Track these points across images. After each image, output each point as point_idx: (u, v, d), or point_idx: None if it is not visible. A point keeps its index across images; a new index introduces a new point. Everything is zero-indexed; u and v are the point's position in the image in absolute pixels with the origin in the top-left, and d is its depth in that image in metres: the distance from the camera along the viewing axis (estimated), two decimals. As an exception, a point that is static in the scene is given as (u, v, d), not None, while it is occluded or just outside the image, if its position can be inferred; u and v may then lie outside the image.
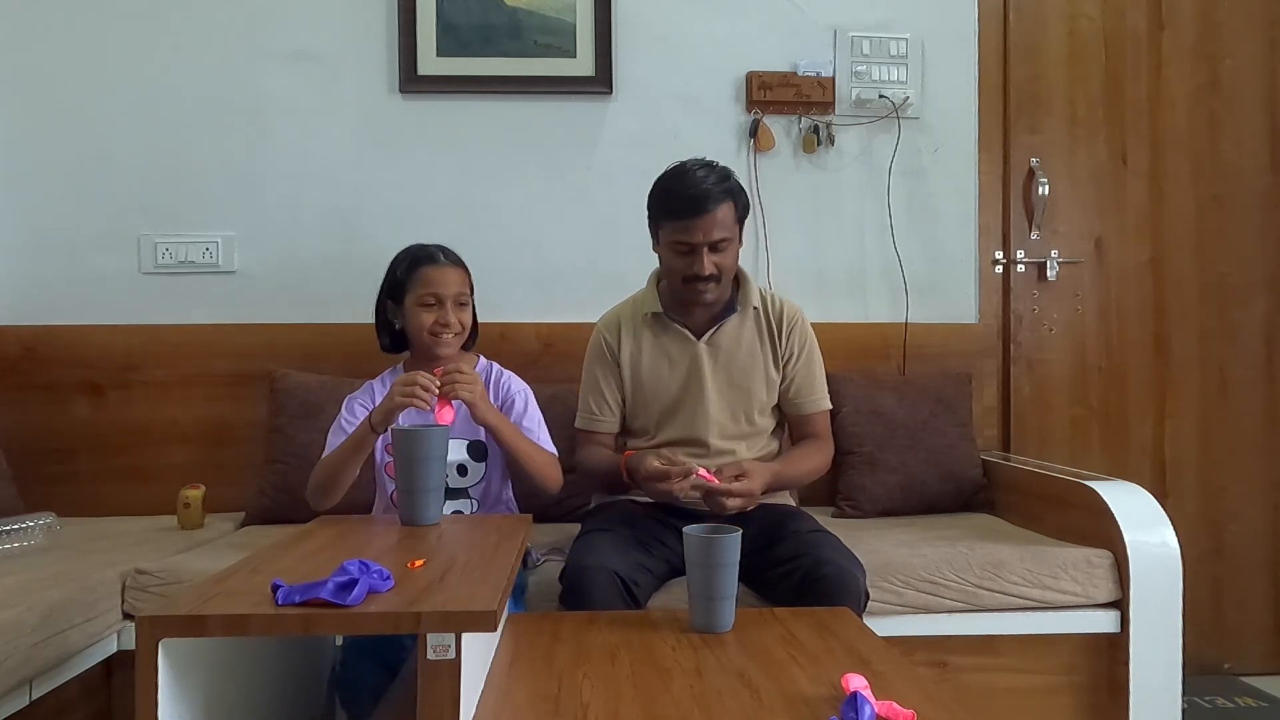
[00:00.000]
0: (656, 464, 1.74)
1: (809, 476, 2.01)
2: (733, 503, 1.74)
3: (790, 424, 2.03)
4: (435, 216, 2.42)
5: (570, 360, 2.08)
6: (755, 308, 1.97)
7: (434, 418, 1.69)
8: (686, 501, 1.91)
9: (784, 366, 1.97)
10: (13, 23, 2.49)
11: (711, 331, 1.94)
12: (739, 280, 1.98)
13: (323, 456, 1.85)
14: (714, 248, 1.84)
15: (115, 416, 2.45)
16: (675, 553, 1.75)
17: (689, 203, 1.82)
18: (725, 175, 1.87)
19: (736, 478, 1.76)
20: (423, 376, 1.68)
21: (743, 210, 1.90)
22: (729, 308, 1.95)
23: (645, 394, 1.95)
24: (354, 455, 1.74)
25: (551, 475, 1.85)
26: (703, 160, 1.89)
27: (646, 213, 1.93)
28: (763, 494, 1.80)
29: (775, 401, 1.99)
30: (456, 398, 1.70)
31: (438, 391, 1.68)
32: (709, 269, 1.84)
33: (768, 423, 1.98)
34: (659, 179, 1.91)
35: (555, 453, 1.90)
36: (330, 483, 1.76)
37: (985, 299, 2.71)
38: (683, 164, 1.89)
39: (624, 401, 1.98)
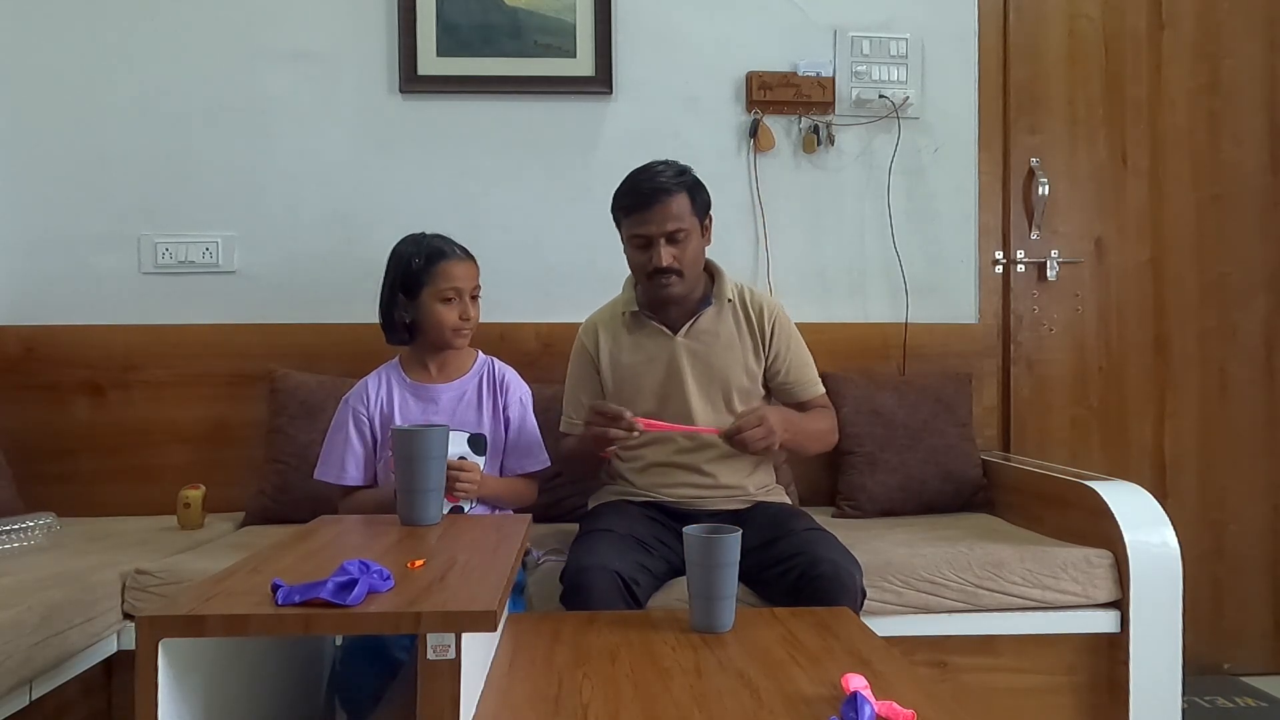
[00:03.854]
0: (606, 404, 1.77)
1: (820, 435, 2.00)
2: (750, 435, 1.74)
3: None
4: (435, 216, 2.40)
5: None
6: (730, 300, 1.99)
7: None
8: (682, 500, 1.92)
9: (770, 362, 1.99)
10: (13, 23, 2.49)
11: (688, 326, 1.96)
12: (712, 274, 2.01)
13: (321, 460, 1.86)
14: (670, 239, 1.86)
15: (115, 416, 2.45)
16: (675, 553, 1.75)
17: (641, 196, 1.86)
18: (682, 170, 1.91)
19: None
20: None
21: (702, 205, 1.92)
22: (704, 301, 1.97)
23: (628, 392, 1.95)
24: (388, 504, 1.74)
25: (530, 501, 1.91)
26: (664, 160, 1.93)
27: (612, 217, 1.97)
28: (780, 433, 1.79)
29: (758, 390, 2.00)
30: (460, 498, 1.73)
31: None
32: (667, 260, 1.85)
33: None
34: (621, 180, 1.94)
35: (548, 464, 1.93)
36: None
37: (985, 299, 2.71)
38: (644, 164, 1.93)
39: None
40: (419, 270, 1.85)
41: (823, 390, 2.05)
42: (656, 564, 1.76)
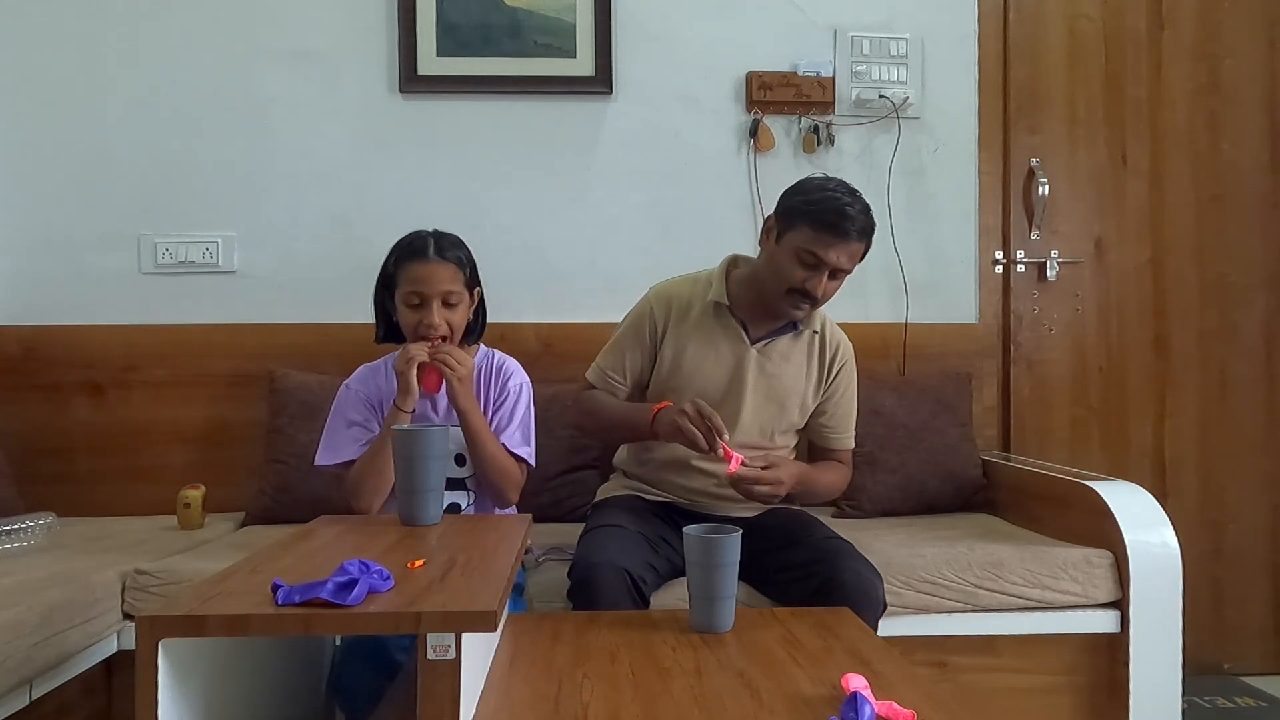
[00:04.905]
0: (704, 406, 1.69)
1: (828, 491, 1.98)
2: (760, 489, 1.71)
3: (813, 452, 2.03)
4: (435, 217, 2.40)
5: (570, 361, 2.07)
6: (815, 331, 1.93)
7: (422, 383, 1.71)
8: (696, 503, 1.91)
9: (823, 400, 1.96)
10: (13, 23, 2.49)
11: (766, 340, 1.90)
12: None
13: (322, 447, 1.83)
14: (834, 275, 1.79)
15: (115, 416, 2.45)
16: (678, 552, 1.74)
17: (846, 221, 1.74)
18: (869, 210, 1.80)
19: (765, 468, 1.72)
20: (414, 345, 1.72)
21: (866, 252, 1.83)
22: (791, 324, 1.91)
23: (682, 380, 1.89)
24: (387, 448, 1.68)
25: (508, 487, 1.79)
26: (852, 190, 1.80)
27: (779, 206, 1.84)
28: (788, 492, 1.77)
29: (802, 426, 1.97)
30: (443, 365, 1.70)
31: (428, 355, 1.70)
32: (821, 293, 1.79)
33: (788, 440, 1.97)
34: (814, 182, 1.82)
35: (529, 463, 1.84)
36: (375, 477, 1.72)
37: (985, 299, 2.71)
38: (840, 181, 1.81)
39: (644, 378, 1.94)
40: (392, 270, 1.82)
41: (852, 446, 2.01)
42: (661, 563, 1.76)
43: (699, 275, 1.97)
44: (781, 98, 2.60)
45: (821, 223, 1.76)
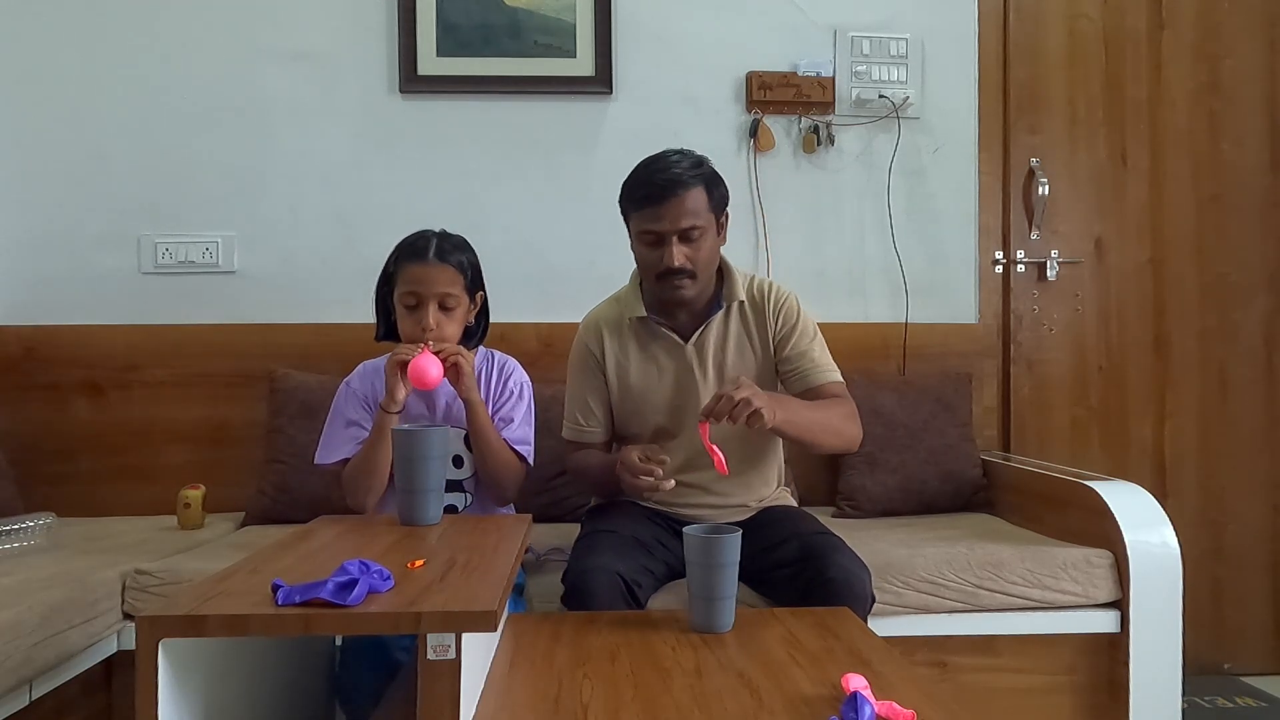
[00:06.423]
0: (635, 457, 1.66)
1: (829, 426, 1.77)
2: (722, 406, 1.56)
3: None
4: (435, 217, 2.40)
5: (570, 360, 2.07)
6: (741, 300, 1.86)
7: (412, 376, 1.67)
8: (688, 517, 1.89)
9: (777, 349, 1.86)
10: (13, 23, 2.49)
11: (698, 333, 1.85)
12: (723, 275, 1.87)
13: (321, 445, 1.83)
14: (684, 237, 1.73)
15: (115, 416, 2.45)
16: (675, 554, 1.74)
17: (655, 188, 1.72)
18: (698, 161, 1.77)
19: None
20: (404, 346, 1.70)
21: (719, 199, 1.78)
22: (714, 305, 1.85)
23: (635, 403, 1.87)
24: (381, 444, 1.68)
25: (509, 483, 1.79)
26: (678, 149, 1.79)
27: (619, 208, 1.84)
28: (769, 412, 1.59)
29: (777, 389, 1.91)
30: (448, 356, 1.68)
31: (420, 350, 1.67)
32: (679, 260, 1.72)
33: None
34: (634, 168, 1.81)
35: (529, 462, 1.82)
36: (369, 476, 1.72)
37: (985, 299, 2.71)
38: (656, 153, 1.79)
39: (611, 409, 1.91)
40: (392, 268, 1.81)
41: (838, 378, 1.86)
42: (657, 565, 1.75)
43: (618, 294, 1.95)
44: (781, 98, 2.60)
45: (636, 200, 1.76)
